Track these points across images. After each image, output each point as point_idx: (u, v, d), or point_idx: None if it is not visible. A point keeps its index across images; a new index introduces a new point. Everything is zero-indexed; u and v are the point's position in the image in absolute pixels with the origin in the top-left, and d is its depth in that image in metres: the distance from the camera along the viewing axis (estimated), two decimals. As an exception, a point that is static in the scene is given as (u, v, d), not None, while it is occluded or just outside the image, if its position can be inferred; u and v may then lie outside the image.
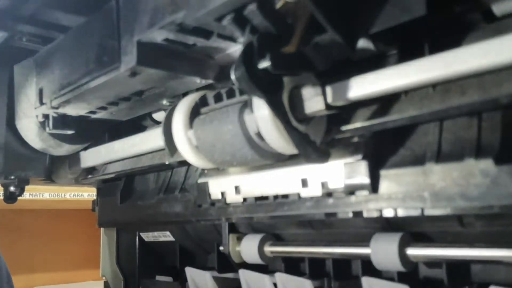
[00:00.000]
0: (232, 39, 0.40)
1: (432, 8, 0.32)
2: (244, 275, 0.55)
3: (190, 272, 0.63)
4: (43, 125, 0.59)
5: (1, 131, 0.64)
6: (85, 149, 0.69)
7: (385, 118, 0.38)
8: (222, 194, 0.52)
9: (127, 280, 0.78)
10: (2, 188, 0.73)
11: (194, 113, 0.46)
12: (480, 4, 0.33)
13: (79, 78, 0.48)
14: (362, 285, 0.46)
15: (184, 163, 0.50)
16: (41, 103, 0.55)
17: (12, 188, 0.69)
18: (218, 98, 0.44)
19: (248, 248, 0.54)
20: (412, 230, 0.44)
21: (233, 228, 0.57)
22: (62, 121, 0.58)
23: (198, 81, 0.46)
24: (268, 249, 0.54)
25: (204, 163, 0.47)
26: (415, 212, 0.38)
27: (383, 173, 0.40)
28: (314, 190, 0.44)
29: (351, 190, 0.41)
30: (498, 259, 0.38)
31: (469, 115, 0.37)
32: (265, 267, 0.56)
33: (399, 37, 0.38)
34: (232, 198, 0.51)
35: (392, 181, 0.40)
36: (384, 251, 0.43)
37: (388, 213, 0.40)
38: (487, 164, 0.34)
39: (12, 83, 0.62)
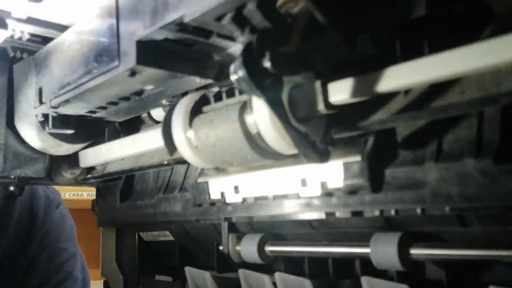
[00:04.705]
0: (232, 38, 0.40)
1: (432, 8, 0.32)
2: (243, 274, 0.55)
3: (190, 272, 0.63)
4: (42, 124, 0.59)
5: (0, 131, 0.64)
6: (84, 148, 0.69)
7: (385, 117, 0.38)
8: (222, 193, 0.52)
9: (126, 279, 0.78)
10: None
11: (194, 113, 0.45)
12: (480, 3, 0.33)
13: (79, 77, 0.48)
14: (362, 284, 0.46)
15: (183, 162, 0.50)
16: (41, 102, 0.55)
17: (11, 188, 0.69)
18: (217, 98, 0.44)
19: (248, 247, 0.54)
20: (411, 229, 0.44)
21: (232, 228, 0.57)
22: (62, 120, 0.58)
23: (198, 80, 0.46)
24: (268, 248, 0.54)
25: (203, 163, 0.47)
26: (415, 212, 0.38)
27: (383, 172, 0.40)
28: (313, 190, 0.44)
29: (350, 190, 0.41)
30: (498, 259, 0.38)
31: (468, 115, 0.37)
32: (265, 267, 0.56)
33: (398, 36, 0.38)
34: (232, 197, 0.51)
35: (392, 180, 0.40)
36: (383, 250, 0.43)
37: (388, 212, 0.40)
38: (486, 163, 0.34)
39: (12, 82, 0.62)
